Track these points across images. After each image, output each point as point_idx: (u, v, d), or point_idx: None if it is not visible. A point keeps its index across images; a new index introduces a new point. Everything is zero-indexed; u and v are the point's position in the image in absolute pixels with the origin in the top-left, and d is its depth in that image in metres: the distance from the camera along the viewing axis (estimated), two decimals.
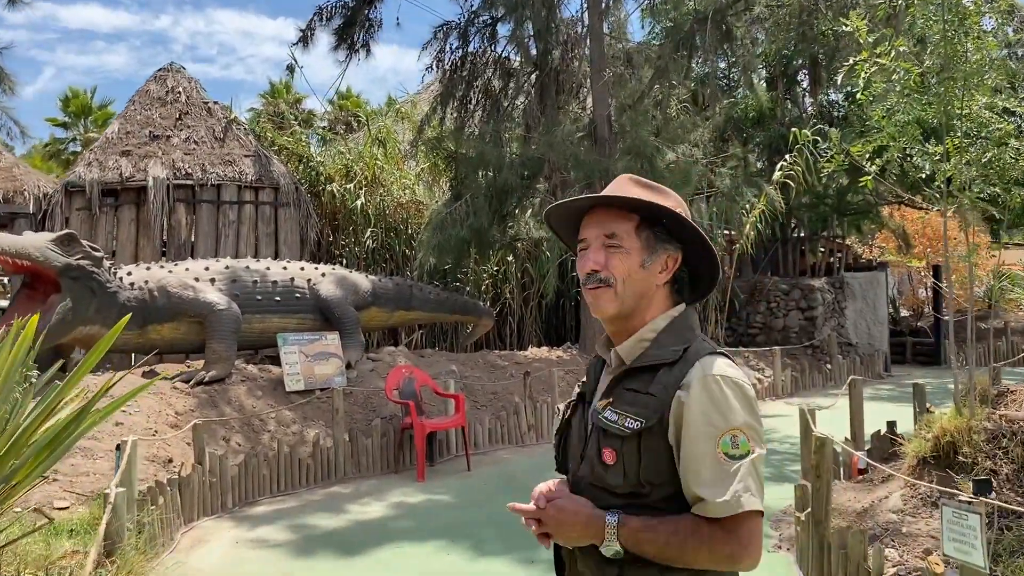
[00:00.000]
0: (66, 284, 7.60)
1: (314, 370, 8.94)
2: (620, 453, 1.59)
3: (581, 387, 1.83)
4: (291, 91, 31.32)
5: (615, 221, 1.70)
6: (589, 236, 1.72)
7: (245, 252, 12.07)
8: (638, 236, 1.70)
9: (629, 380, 1.65)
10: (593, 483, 1.63)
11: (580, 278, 1.74)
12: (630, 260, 1.69)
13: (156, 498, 5.81)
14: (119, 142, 12.10)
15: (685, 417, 1.57)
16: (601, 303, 1.70)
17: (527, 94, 12.56)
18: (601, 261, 1.68)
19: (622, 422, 1.60)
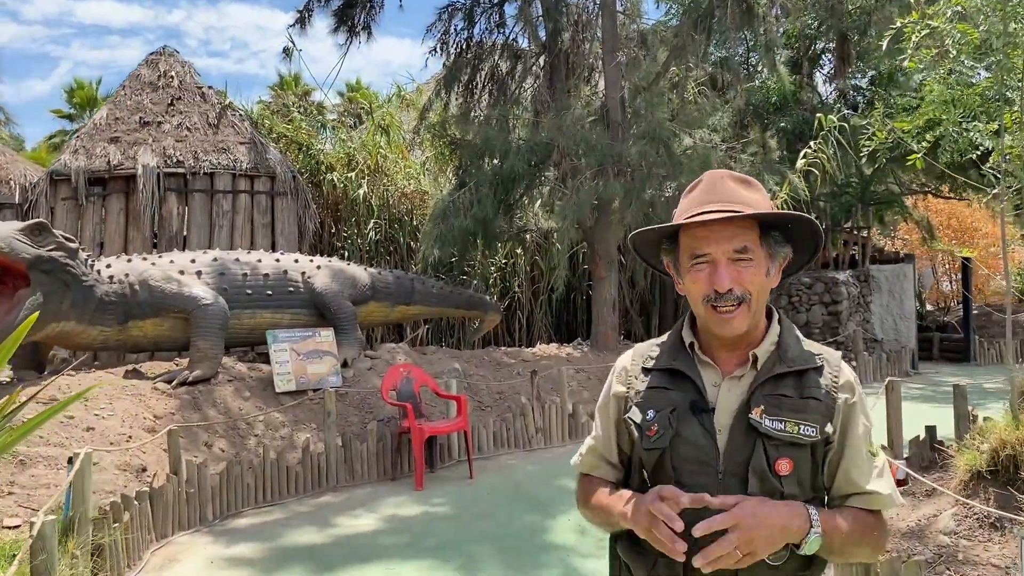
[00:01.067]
0: (36, 277, 7.02)
1: (306, 369, 8.35)
2: (797, 463, 1.58)
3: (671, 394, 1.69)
4: (300, 83, 30.83)
5: (743, 233, 1.62)
6: (714, 251, 1.61)
7: (241, 244, 11.50)
8: (763, 246, 1.65)
9: (773, 386, 1.63)
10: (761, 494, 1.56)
11: (700, 296, 1.64)
12: (760, 272, 1.64)
13: (120, 514, 5.24)
14: (107, 128, 11.53)
15: (851, 417, 1.64)
16: (736, 324, 1.63)
17: (535, 77, 11.93)
18: (735, 277, 1.61)
19: (795, 430, 1.58)
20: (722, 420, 1.64)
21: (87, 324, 7.66)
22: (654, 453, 1.66)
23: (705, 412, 1.65)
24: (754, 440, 1.59)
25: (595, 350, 11.17)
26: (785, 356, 1.67)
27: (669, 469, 1.64)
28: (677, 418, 1.66)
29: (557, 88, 11.34)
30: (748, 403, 1.62)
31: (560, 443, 9.20)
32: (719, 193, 1.65)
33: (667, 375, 1.72)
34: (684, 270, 1.69)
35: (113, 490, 5.71)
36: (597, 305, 11.25)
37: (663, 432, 1.65)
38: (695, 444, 1.63)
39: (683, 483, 1.60)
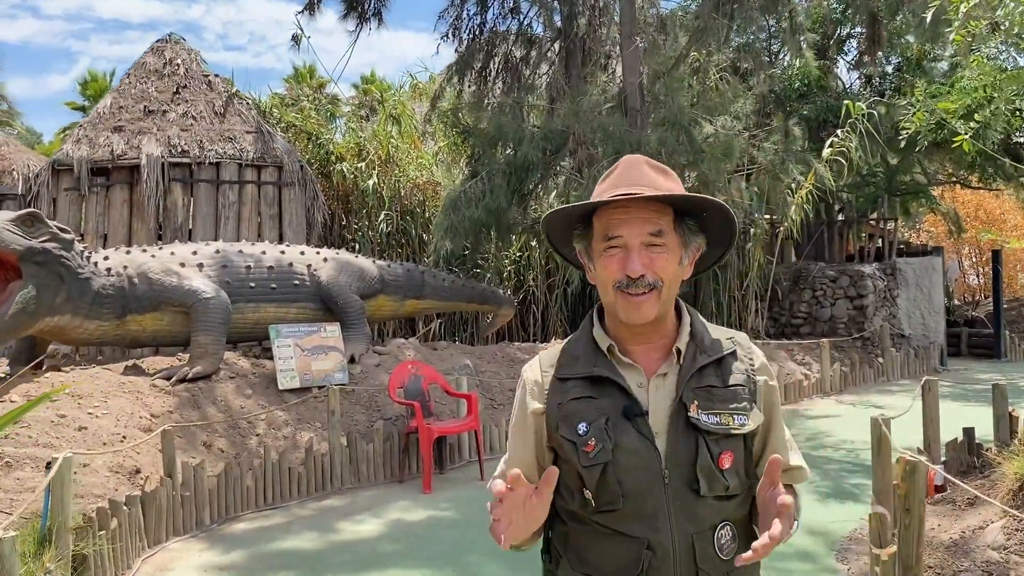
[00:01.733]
0: (28, 270, 6.71)
1: (311, 365, 8.03)
2: (736, 455, 1.55)
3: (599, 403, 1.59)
4: (314, 76, 30.57)
5: (658, 217, 1.58)
6: (627, 234, 1.56)
7: (247, 236, 11.19)
8: (677, 232, 1.60)
9: (698, 379, 1.58)
10: (710, 494, 1.53)
11: (611, 281, 1.58)
12: (673, 260, 1.59)
13: (107, 521, 4.93)
14: (111, 117, 11.24)
15: (772, 399, 1.64)
16: (645, 310, 1.57)
17: (550, 64, 11.53)
18: (647, 263, 1.55)
19: (730, 421, 1.55)
20: (657, 422, 1.56)
21: (83, 318, 7.35)
22: (596, 469, 1.55)
23: (640, 416, 1.56)
24: (695, 438, 1.54)
25: None
26: (703, 345, 1.62)
27: (613, 483, 1.55)
28: (612, 427, 1.56)
29: (573, 75, 10.94)
30: (681, 400, 1.56)
31: None
32: (635, 177, 1.59)
33: (588, 383, 1.61)
34: (596, 255, 1.63)
35: (103, 493, 5.40)
36: None
37: (602, 445, 1.55)
38: (636, 452, 1.55)
39: (628, 494, 1.54)
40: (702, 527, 1.55)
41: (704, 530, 1.55)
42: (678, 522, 1.54)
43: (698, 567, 1.54)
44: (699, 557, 1.54)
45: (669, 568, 1.54)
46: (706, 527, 1.55)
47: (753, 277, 13.67)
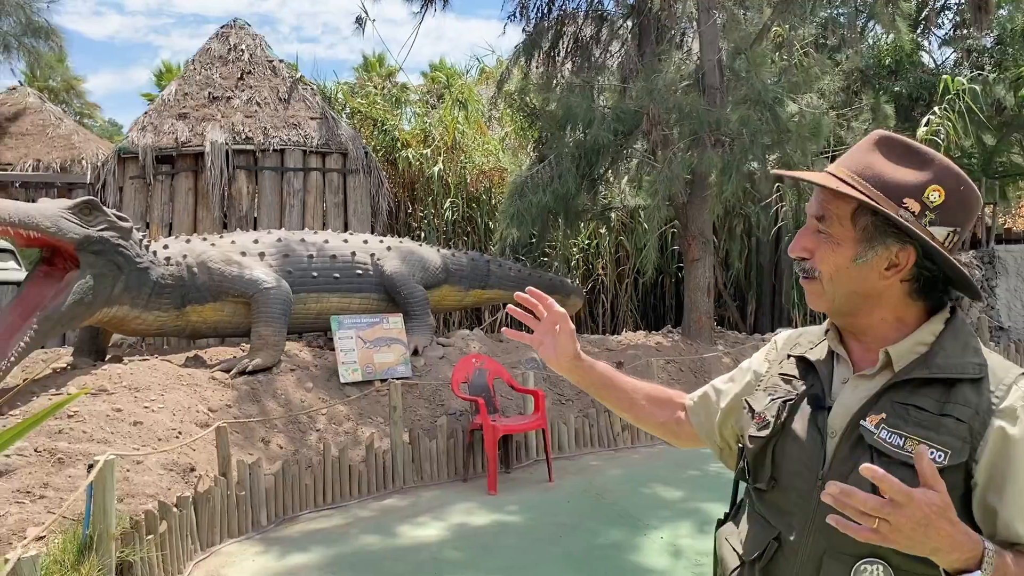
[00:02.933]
0: (86, 259, 6.55)
1: (373, 358, 7.73)
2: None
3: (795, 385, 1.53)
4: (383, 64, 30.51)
5: (831, 200, 1.45)
6: (809, 211, 1.50)
7: (312, 224, 11.00)
8: (854, 224, 1.43)
9: (908, 393, 1.37)
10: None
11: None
12: (840, 253, 1.44)
13: (155, 525, 4.68)
14: (176, 104, 11.15)
15: (1012, 453, 1.30)
16: (810, 297, 1.50)
17: (622, 42, 10.99)
18: (809, 247, 1.47)
19: (915, 449, 1.25)
20: (837, 422, 1.43)
21: (142, 309, 7.19)
22: (759, 442, 1.52)
23: (823, 410, 1.46)
24: (861, 452, 1.37)
25: (687, 339, 10.23)
26: (932, 360, 1.39)
27: (769, 463, 1.50)
28: (791, 410, 1.50)
29: (646, 52, 10.38)
30: (867, 406, 1.40)
31: (647, 443, 8.35)
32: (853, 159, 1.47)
33: (802, 364, 1.56)
34: None
35: (155, 493, 5.17)
36: (690, 289, 10.29)
37: (770, 422, 1.51)
38: (801, 443, 1.46)
39: (779, 480, 1.48)
40: (840, 548, 1.36)
41: (843, 554, 1.36)
42: (817, 530, 1.39)
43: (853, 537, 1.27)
44: (825, 574, 1.38)
45: (790, 571, 1.43)
46: (847, 552, 1.35)
47: None
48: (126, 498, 5.01)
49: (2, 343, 5.94)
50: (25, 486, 4.89)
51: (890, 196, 1.40)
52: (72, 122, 13.08)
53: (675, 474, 7.18)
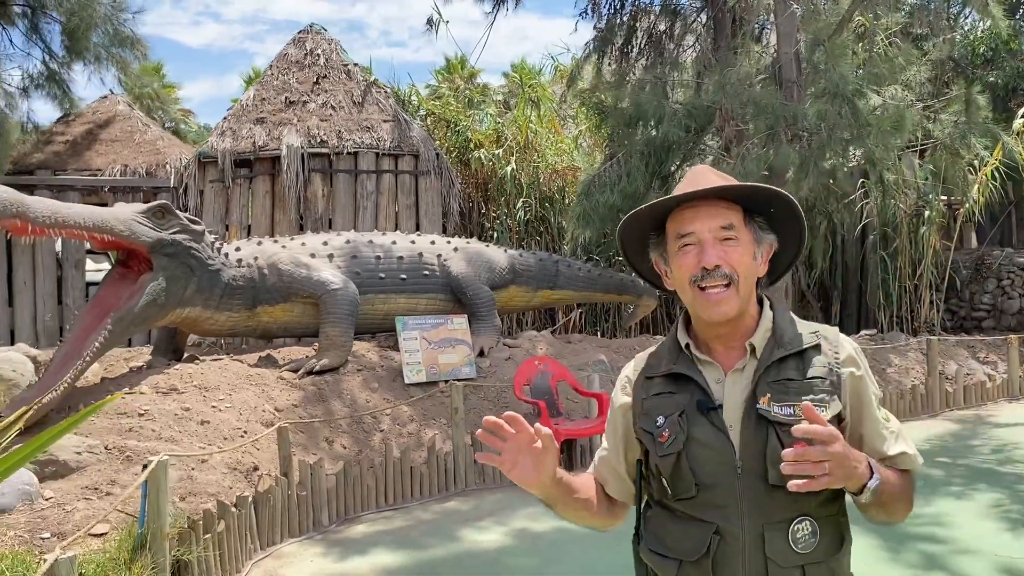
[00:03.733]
0: (159, 261, 6.74)
1: (438, 359, 7.72)
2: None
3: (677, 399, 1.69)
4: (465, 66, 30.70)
5: (727, 212, 1.65)
6: (699, 229, 1.63)
7: (385, 225, 11.09)
8: (747, 228, 1.67)
9: (776, 372, 1.62)
10: (781, 485, 1.50)
11: (688, 277, 1.64)
12: (747, 254, 1.65)
13: (213, 524, 4.75)
14: (253, 109, 11.41)
15: (861, 388, 1.64)
16: (723, 306, 1.62)
17: (697, 36, 10.71)
18: (722, 255, 1.62)
19: (800, 413, 1.52)
20: (731, 415, 1.63)
21: (214, 310, 7.36)
22: (670, 459, 1.65)
23: (713, 410, 1.64)
24: (765, 429, 1.58)
25: None
26: (782, 340, 1.66)
27: (687, 472, 1.63)
28: (687, 420, 1.65)
29: (721, 46, 10.09)
30: (754, 393, 1.61)
31: None
32: (700, 182, 1.67)
33: (670, 379, 1.72)
34: (672, 256, 1.70)
35: (217, 492, 5.25)
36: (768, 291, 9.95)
37: (675, 436, 1.65)
38: (708, 444, 1.62)
39: (703, 483, 1.62)
40: (775, 519, 1.58)
41: (777, 522, 1.58)
42: (749, 512, 1.59)
43: (767, 557, 1.57)
44: (768, 548, 1.57)
45: (736, 554, 1.59)
46: (780, 519, 1.58)
47: (927, 265, 12.29)
48: (188, 496, 5.10)
49: (78, 343, 6.14)
50: (94, 483, 5.04)
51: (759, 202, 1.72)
52: (158, 128, 13.56)
53: None
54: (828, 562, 1.60)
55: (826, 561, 1.59)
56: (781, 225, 1.73)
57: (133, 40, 11.34)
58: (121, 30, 11.12)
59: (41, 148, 12.10)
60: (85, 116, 12.82)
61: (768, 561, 1.57)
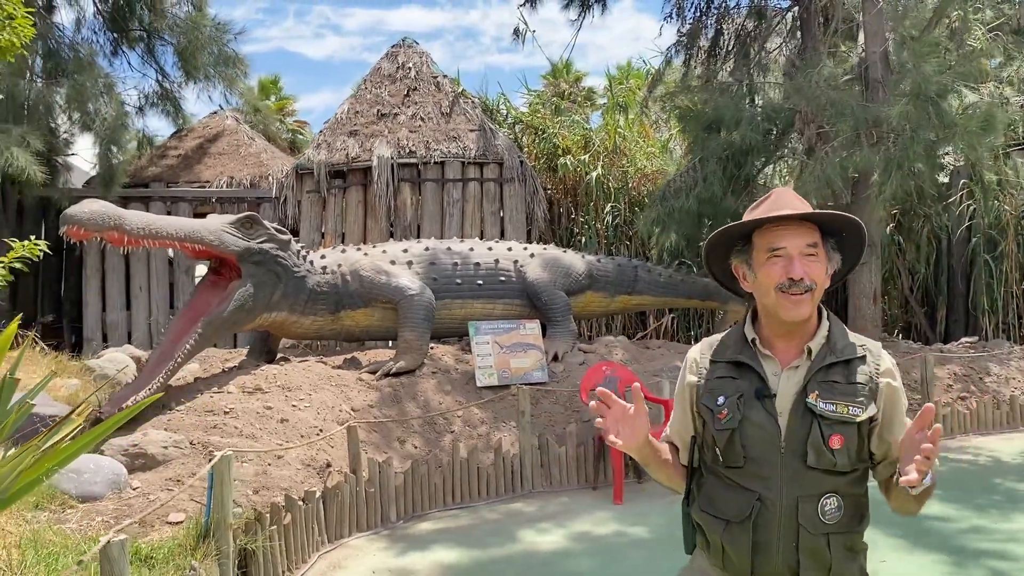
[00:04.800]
0: (247, 269, 7.18)
1: (510, 363, 7.90)
2: (848, 438, 1.90)
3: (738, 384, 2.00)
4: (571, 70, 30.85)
5: (812, 233, 1.96)
6: (789, 245, 1.93)
7: (471, 232, 11.40)
8: (824, 247, 1.99)
9: (825, 374, 1.93)
10: (817, 466, 1.89)
11: (774, 284, 1.94)
12: (823, 269, 1.98)
13: (280, 516, 5.08)
14: (347, 122, 11.93)
15: (895, 398, 1.97)
16: (802, 309, 1.94)
17: (783, 36, 10.51)
18: (806, 269, 1.93)
19: (845, 411, 1.90)
20: (782, 404, 1.95)
21: (300, 314, 7.77)
22: (725, 433, 1.97)
23: (768, 398, 1.96)
24: (810, 420, 1.91)
25: None
26: (835, 348, 1.97)
27: (738, 446, 1.95)
28: (744, 403, 1.97)
29: (808, 47, 9.87)
30: (805, 389, 1.93)
31: None
32: (787, 203, 1.98)
33: (733, 366, 2.03)
34: (758, 265, 1.99)
35: (289, 487, 5.58)
36: (854, 296, 9.68)
37: (732, 415, 1.96)
38: (760, 425, 1.94)
39: (750, 457, 1.94)
40: (808, 492, 1.91)
41: (810, 495, 1.91)
42: (787, 485, 1.92)
43: (799, 523, 1.91)
44: (800, 515, 1.91)
45: (774, 519, 1.92)
46: (812, 493, 1.92)
47: None
48: (262, 490, 5.45)
49: (170, 346, 6.63)
50: (176, 475, 5.46)
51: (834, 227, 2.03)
52: (262, 141, 14.32)
53: None
54: (849, 534, 1.94)
55: (848, 533, 1.93)
56: (848, 246, 2.05)
57: (235, 59, 12.05)
58: (224, 50, 11.84)
59: (156, 162, 13.00)
60: (196, 131, 13.69)
61: (800, 527, 1.90)
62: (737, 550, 1.96)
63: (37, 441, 2.62)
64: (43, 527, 4.23)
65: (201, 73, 12.08)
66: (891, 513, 2.03)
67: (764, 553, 1.93)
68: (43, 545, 3.91)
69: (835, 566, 1.92)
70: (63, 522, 4.59)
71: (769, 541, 1.92)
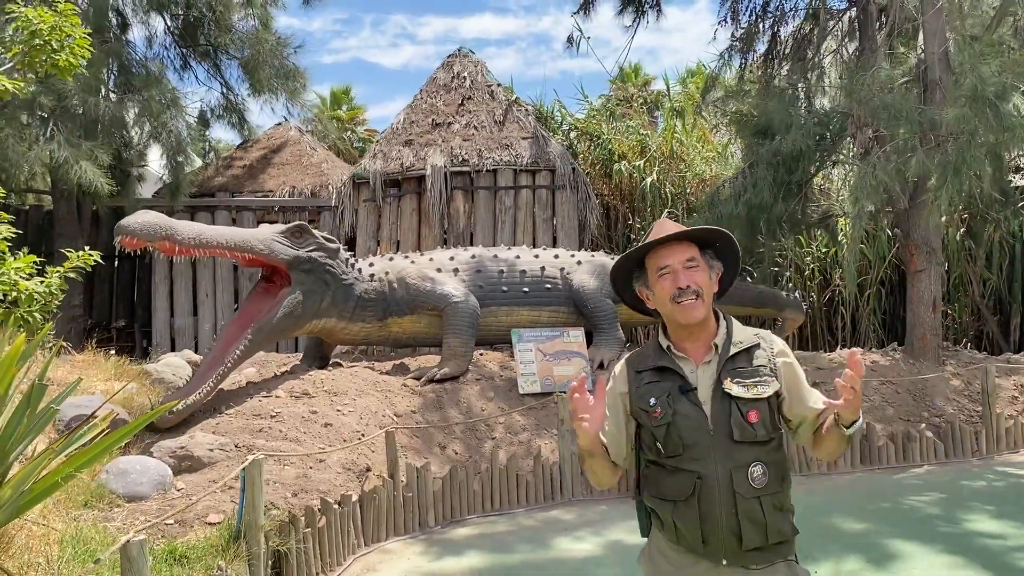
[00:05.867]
0: (296, 277, 7.39)
1: (553, 370, 7.93)
2: (763, 412, 2.29)
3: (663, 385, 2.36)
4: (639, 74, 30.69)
5: (687, 249, 2.37)
6: (672, 262, 2.34)
7: (523, 239, 11.47)
8: (703, 258, 2.39)
9: (732, 363, 2.32)
10: (742, 440, 2.26)
11: (667, 296, 2.34)
12: (705, 276, 2.37)
13: (314, 519, 5.22)
14: (403, 132, 12.14)
15: (792, 371, 2.38)
16: (696, 312, 2.32)
17: (840, 38, 10.28)
18: (689, 278, 2.32)
19: (756, 391, 2.29)
20: (703, 395, 2.31)
21: (348, 321, 7.94)
22: (662, 428, 2.31)
23: (691, 391, 2.32)
24: (729, 403, 2.28)
25: (909, 358, 9.32)
26: (735, 341, 2.36)
27: (675, 436, 2.29)
28: (672, 399, 2.32)
29: (865, 49, 9.64)
30: (719, 379, 2.31)
31: (848, 469, 7.77)
32: (666, 229, 2.40)
33: (656, 371, 2.39)
34: (653, 283, 2.39)
35: (328, 490, 5.73)
36: (912, 303, 9.38)
37: (665, 411, 2.31)
38: (689, 415, 2.29)
39: (686, 443, 2.27)
40: (737, 464, 2.25)
41: (739, 466, 2.25)
42: (720, 460, 2.25)
43: (734, 491, 2.24)
44: (735, 484, 2.24)
45: (714, 491, 2.25)
46: (741, 464, 2.25)
47: None
48: (301, 493, 5.60)
49: (221, 352, 6.86)
50: (220, 476, 5.65)
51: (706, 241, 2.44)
52: (324, 151, 14.68)
53: (864, 505, 6.65)
54: (777, 494, 2.28)
55: (775, 494, 2.27)
56: (726, 254, 2.44)
57: (296, 72, 12.42)
58: (285, 64, 12.21)
59: (222, 172, 13.47)
60: (261, 142, 14.13)
61: (735, 495, 2.23)
62: (687, 524, 2.27)
63: (55, 446, 2.77)
64: (87, 525, 4.45)
65: (264, 86, 12.47)
66: (939, 531, 2.33)
67: (710, 522, 2.24)
68: (83, 542, 4.11)
69: (769, 523, 2.24)
70: (109, 520, 4.81)
71: (711, 511, 2.23)
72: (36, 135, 9.96)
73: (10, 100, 7.03)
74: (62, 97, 10.16)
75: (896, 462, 7.98)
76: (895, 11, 9.41)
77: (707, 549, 2.27)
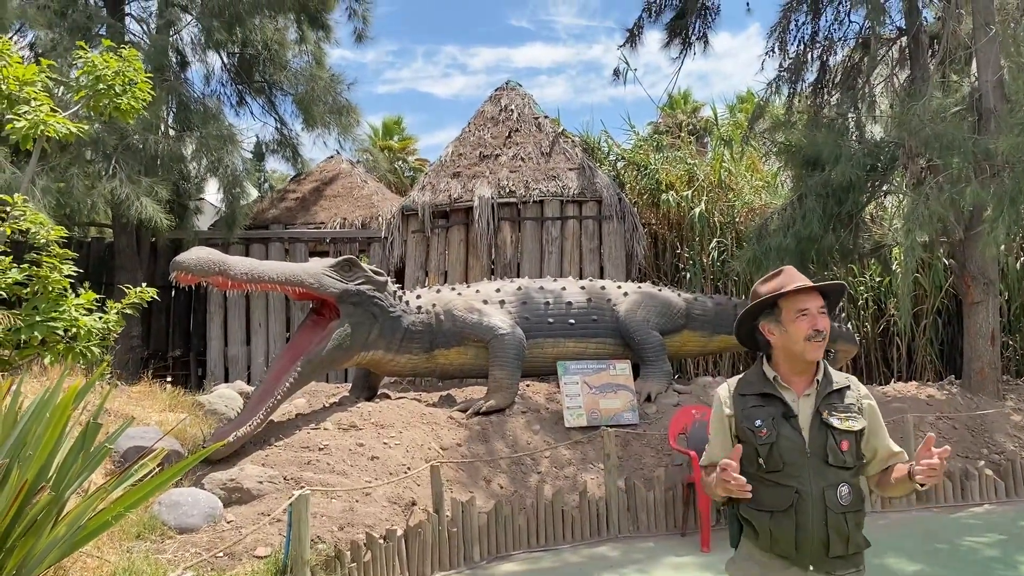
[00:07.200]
0: (345, 310, 7.52)
1: (599, 403, 7.90)
2: (851, 443, 2.63)
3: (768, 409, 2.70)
4: (688, 101, 30.70)
5: (819, 297, 2.72)
6: (811, 306, 2.68)
7: (570, 269, 11.50)
8: (826, 305, 2.75)
9: (828, 399, 2.68)
10: (833, 464, 2.60)
11: (803, 336, 2.66)
12: (828, 322, 2.71)
13: (359, 554, 5.27)
14: (451, 164, 12.30)
15: (874, 414, 2.75)
16: (820, 352, 2.69)
17: (891, 66, 10.15)
18: (824, 323, 2.68)
19: (848, 424, 2.63)
20: (803, 422, 2.66)
21: (395, 353, 8.02)
22: (766, 446, 2.63)
23: (793, 418, 2.66)
24: (826, 432, 2.63)
25: (966, 392, 9.07)
26: (831, 380, 2.73)
27: (777, 455, 2.62)
28: (776, 423, 2.65)
29: (917, 78, 9.51)
30: (818, 410, 2.66)
31: (903, 508, 7.56)
32: (799, 277, 2.77)
33: (761, 397, 2.72)
34: (788, 322, 2.69)
35: (374, 524, 5.78)
36: (970, 336, 9.14)
37: (770, 433, 2.64)
38: (790, 439, 2.63)
39: (785, 461, 2.61)
40: (829, 483, 2.60)
41: (831, 485, 2.59)
42: (814, 479, 2.59)
43: (826, 506, 2.58)
44: (827, 500, 2.58)
45: (808, 505, 2.58)
46: (832, 484, 2.60)
47: None
48: (347, 527, 5.66)
49: (271, 384, 7.00)
50: (268, 509, 5.74)
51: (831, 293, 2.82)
52: (375, 183, 14.94)
53: (921, 545, 6.46)
54: (858, 512, 2.63)
55: (857, 511, 2.62)
56: (833, 305, 2.79)
57: (348, 108, 12.71)
58: (338, 100, 12.51)
59: (276, 204, 13.78)
60: (314, 175, 14.44)
61: (827, 509, 2.57)
62: (783, 533, 2.60)
63: (109, 484, 2.86)
64: (140, 557, 4.56)
65: (317, 121, 12.78)
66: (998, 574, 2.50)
67: (804, 531, 2.58)
68: (136, 575, 4.22)
69: (852, 536, 2.60)
70: (161, 552, 4.92)
71: (805, 522, 2.57)
72: (99, 172, 10.33)
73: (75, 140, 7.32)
74: (124, 135, 10.53)
75: (954, 501, 7.75)
76: (947, 39, 9.29)
77: (798, 555, 2.59)
